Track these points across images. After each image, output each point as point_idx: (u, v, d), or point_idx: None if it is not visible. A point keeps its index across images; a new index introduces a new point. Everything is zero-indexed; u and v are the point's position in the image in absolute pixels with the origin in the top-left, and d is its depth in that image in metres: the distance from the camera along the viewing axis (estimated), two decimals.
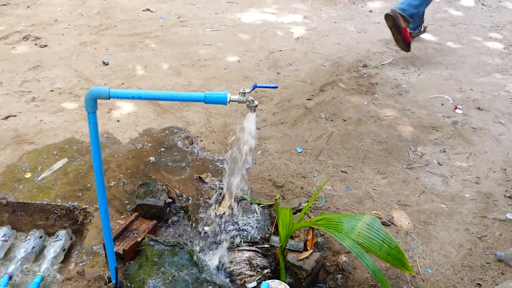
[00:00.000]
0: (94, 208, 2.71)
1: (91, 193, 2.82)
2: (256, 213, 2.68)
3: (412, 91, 4.31)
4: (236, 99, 1.70)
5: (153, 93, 1.62)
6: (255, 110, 1.78)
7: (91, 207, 2.72)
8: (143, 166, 3.08)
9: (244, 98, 1.71)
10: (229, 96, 1.67)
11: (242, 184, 2.93)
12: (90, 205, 2.73)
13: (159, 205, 2.56)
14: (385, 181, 3.10)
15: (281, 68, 4.69)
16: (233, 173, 2.82)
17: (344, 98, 4.08)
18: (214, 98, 1.65)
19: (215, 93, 1.66)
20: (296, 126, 3.68)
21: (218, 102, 1.66)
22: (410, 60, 4.98)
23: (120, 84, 4.18)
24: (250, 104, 1.74)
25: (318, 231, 2.59)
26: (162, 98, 1.63)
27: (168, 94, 1.63)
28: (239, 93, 1.70)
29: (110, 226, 2.01)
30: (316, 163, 3.23)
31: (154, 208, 2.57)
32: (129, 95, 1.62)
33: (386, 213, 2.81)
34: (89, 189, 2.85)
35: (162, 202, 2.58)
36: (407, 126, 3.73)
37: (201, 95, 1.65)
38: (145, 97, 1.62)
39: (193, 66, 4.65)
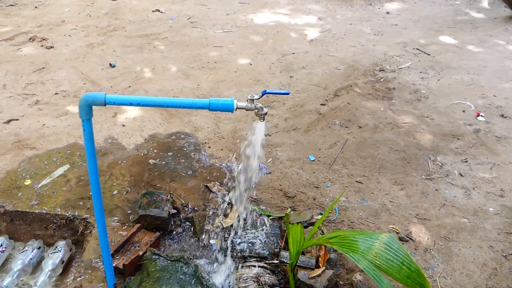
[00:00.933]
0: (95, 219, 2.61)
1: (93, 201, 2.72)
2: (265, 225, 2.57)
3: (431, 96, 4.16)
4: (243, 106, 1.58)
5: (152, 99, 1.52)
6: (264, 119, 1.66)
7: (92, 217, 2.63)
8: (148, 173, 2.98)
9: (252, 105, 1.59)
10: (235, 103, 1.56)
11: (251, 194, 2.82)
12: (91, 215, 2.63)
13: (163, 216, 2.46)
14: (402, 193, 2.96)
15: (294, 71, 4.58)
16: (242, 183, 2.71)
17: (359, 104, 3.95)
18: (220, 105, 1.54)
19: (221, 100, 1.55)
20: (309, 132, 3.56)
21: (223, 109, 1.55)
22: (429, 64, 4.83)
23: (126, 87, 4.09)
24: (259, 112, 1.62)
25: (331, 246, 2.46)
26: (163, 104, 1.52)
27: (169, 101, 1.52)
28: (247, 99, 1.59)
29: (108, 241, 1.91)
30: (330, 172, 3.11)
31: (157, 219, 2.46)
32: (127, 101, 1.51)
33: (404, 227, 2.67)
34: (91, 197, 2.75)
35: (166, 213, 2.47)
36: (426, 134, 3.59)
37: (205, 101, 1.54)
38: (144, 104, 1.52)
39: (203, 69, 4.55)
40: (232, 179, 2.97)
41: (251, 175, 2.30)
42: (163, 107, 1.51)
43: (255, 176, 2.85)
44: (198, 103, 1.53)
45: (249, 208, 2.67)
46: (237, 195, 2.73)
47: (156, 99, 1.53)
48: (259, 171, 3.06)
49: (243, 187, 2.74)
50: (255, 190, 2.88)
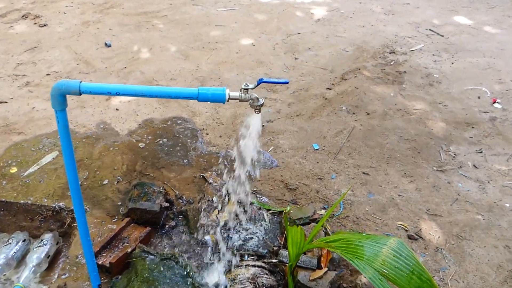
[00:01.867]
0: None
1: (82, 191, 2.56)
2: (264, 220, 2.43)
3: (444, 81, 3.97)
4: (236, 97, 1.42)
5: (133, 88, 1.36)
6: (260, 111, 1.50)
7: None
8: (141, 161, 2.84)
9: (246, 95, 1.43)
10: (227, 93, 1.40)
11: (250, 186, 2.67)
12: None
13: (154, 210, 2.32)
14: (412, 186, 2.80)
15: (299, 52, 4.38)
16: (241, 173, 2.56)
17: (368, 88, 3.77)
18: (210, 95, 1.37)
19: (211, 89, 1.38)
20: (313, 119, 3.39)
21: (214, 99, 1.39)
22: (443, 46, 4.62)
23: (122, 68, 3.93)
24: (254, 103, 1.46)
25: None
26: (145, 94, 1.36)
27: (151, 90, 1.36)
28: (241, 89, 1.42)
29: (90, 241, 1.77)
30: (335, 162, 2.95)
31: (148, 213, 2.32)
32: (105, 90, 1.35)
33: (413, 224, 2.52)
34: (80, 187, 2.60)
35: (157, 206, 2.33)
36: (438, 122, 3.41)
37: (193, 91, 1.38)
38: (124, 93, 1.36)
39: (203, 49, 4.37)
40: (231, 169, 2.82)
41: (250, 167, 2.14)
42: (145, 97, 1.35)
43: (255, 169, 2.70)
44: (185, 92, 1.37)
45: (247, 201, 2.52)
46: (235, 187, 2.58)
47: (137, 88, 1.37)
48: (264, 163, 2.91)
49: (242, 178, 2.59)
50: (254, 182, 2.73)
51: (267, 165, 2.89)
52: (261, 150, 3.00)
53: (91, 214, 2.45)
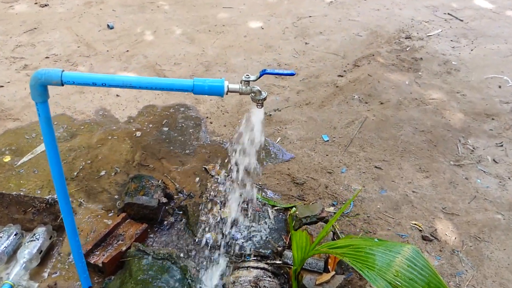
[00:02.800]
0: (77, 203, 2.37)
1: (78, 183, 2.48)
2: (268, 218, 2.30)
3: (463, 69, 3.79)
4: (236, 89, 1.28)
5: (121, 78, 1.22)
6: (263, 105, 1.35)
7: (75, 201, 2.38)
8: (140, 151, 2.72)
9: (247, 88, 1.29)
10: (226, 85, 1.26)
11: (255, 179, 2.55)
12: (75, 199, 2.39)
13: (152, 205, 2.20)
14: (427, 182, 2.65)
15: (310, 37, 4.21)
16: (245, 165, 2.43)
17: (382, 76, 3.60)
18: (206, 87, 1.23)
19: (208, 81, 1.24)
20: (323, 108, 3.23)
21: (211, 92, 1.25)
22: (462, 32, 4.42)
23: (124, 52, 3.79)
24: (256, 96, 1.32)
25: None
26: (134, 85, 1.23)
27: (141, 81, 1.23)
28: (241, 81, 1.28)
29: (79, 241, 1.65)
30: (345, 155, 2.80)
31: (145, 208, 2.21)
32: (89, 80, 1.22)
33: (428, 223, 2.38)
34: (75, 178, 2.50)
35: (155, 201, 2.21)
36: (456, 113, 3.24)
37: (188, 82, 1.24)
38: (111, 84, 1.23)
39: (209, 32, 4.21)
40: (235, 161, 2.69)
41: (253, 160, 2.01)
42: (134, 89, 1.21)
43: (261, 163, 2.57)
44: (178, 84, 1.23)
45: (251, 196, 2.39)
46: (239, 180, 2.46)
47: (125, 78, 1.23)
48: (275, 155, 2.77)
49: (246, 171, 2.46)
50: (259, 175, 2.60)
51: (278, 159, 2.75)
52: (269, 141, 2.87)
53: (86, 207, 2.34)
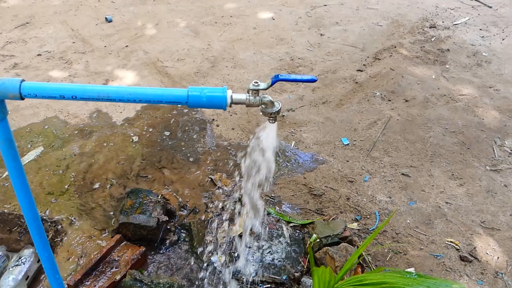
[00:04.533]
0: (68, 222, 2.14)
1: (69, 197, 2.25)
2: (283, 236, 2.05)
3: (495, 60, 3.50)
4: (242, 100, 1.03)
5: (94, 89, 0.98)
6: (276, 119, 1.10)
7: (66, 219, 2.15)
8: (139, 160, 2.48)
9: (256, 98, 1.04)
10: (229, 95, 1.00)
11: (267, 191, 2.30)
12: (65, 216, 2.16)
13: (150, 225, 1.96)
14: (462, 190, 2.39)
15: (325, 28, 3.94)
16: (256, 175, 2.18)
17: (405, 70, 3.32)
18: (204, 99, 0.99)
19: (206, 90, 0.99)
20: (342, 107, 2.97)
21: (209, 105, 1.00)
22: (491, 19, 4.12)
23: (123, 47, 3.55)
24: (267, 108, 1.06)
25: (370, 268, 1.94)
26: (112, 97, 0.98)
27: (121, 92, 0.98)
28: (249, 89, 1.03)
29: (60, 279, 1.41)
30: (368, 161, 2.55)
31: (143, 229, 1.97)
32: (55, 92, 0.98)
33: (465, 240, 2.12)
34: (65, 192, 2.27)
35: (154, 221, 1.98)
36: (490, 110, 2.97)
37: (181, 93, 0.99)
38: (83, 96, 0.98)
39: (215, 25, 3.95)
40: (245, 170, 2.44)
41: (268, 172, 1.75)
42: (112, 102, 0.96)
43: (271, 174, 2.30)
44: (167, 95, 0.99)
45: (263, 211, 2.14)
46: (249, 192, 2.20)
47: (102, 89, 0.99)
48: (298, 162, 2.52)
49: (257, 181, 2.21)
50: (272, 185, 2.35)
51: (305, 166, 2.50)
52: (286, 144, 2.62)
53: (77, 227, 2.11)
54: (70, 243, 2.04)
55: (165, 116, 2.82)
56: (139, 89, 1.02)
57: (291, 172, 2.46)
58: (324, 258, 1.87)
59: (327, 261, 1.85)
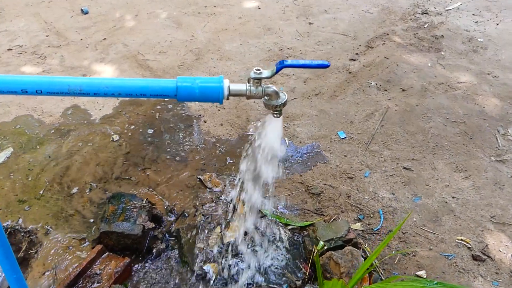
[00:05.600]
0: (43, 231, 1.95)
1: (44, 204, 2.05)
2: (281, 240, 1.88)
3: (491, 46, 3.37)
4: (242, 91, 0.86)
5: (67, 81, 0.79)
6: (281, 113, 0.93)
7: (41, 228, 1.96)
8: (121, 160, 2.29)
9: (258, 89, 0.86)
10: (227, 86, 0.82)
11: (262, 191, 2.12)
12: (40, 225, 1.96)
13: (134, 233, 1.78)
14: (468, 184, 2.24)
15: (313, 16, 3.77)
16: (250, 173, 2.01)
17: (400, 58, 3.17)
18: (196, 91, 0.81)
19: (199, 80, 0.81)
20: (336, 99, 2.81)
21: (203, 97, 0.83)
22: (484, 4, 3.99)
23: (101, 40, 3.34)
24: (271, 100, 0.89)
25: (379, 275, 1.78)
26: (86, 91, 0.80)
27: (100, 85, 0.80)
28: (249, 78, 0.85)
29: None
30: (367, 155, 2.39)
31: (127, 237, 1.78)
32: (17, 86, 0.79)
33: (476, 238, 1.97)
34: (40, 199, 2.07)
35: (139, 228, 1.79)
36: (490, 98, 2.83)
37: (169, 84, 0.81)
38: (50, 90, 0.80)
39: (199, 15, 3.76)
40: (236, 167, 2.27)
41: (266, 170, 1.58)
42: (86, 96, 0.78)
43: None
44: (152, 87, 0.81)
45: (258, 213, 1.97)
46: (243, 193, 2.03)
47: (73, 81, 0.80)
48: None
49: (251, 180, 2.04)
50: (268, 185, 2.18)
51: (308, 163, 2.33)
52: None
53: (54, 237, 1.91)
54: (46, 255, 1.85)
55: (147, 112, 2.63)
56: (118, 80, 0.83)
57: (286, 169, 2.29)
58: (328, 263, 1.71)
59: (331, 266, 1.69)
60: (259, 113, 2.65)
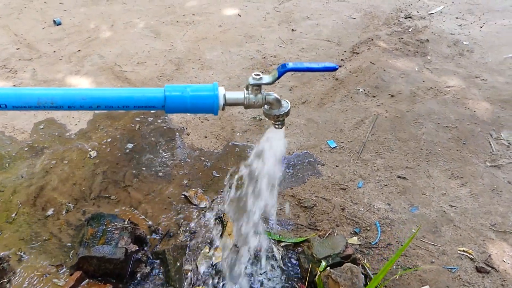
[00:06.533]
0: (16, 258, 1.81)
1: (16, 228, 1.91)
2: (274, 259, 1.78)
3: (477, 49, 3.33)
4: (239, 100, 0.76)
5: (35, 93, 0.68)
6: (284, 123, 0.82)
7: (13, 255, 1.82)
8: (100, 178, 2.17)
9: (258, 96, 0.76)
10: (222, 94, 0.72)
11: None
12: (12, 252, 1.82)
13: (116, 257, 1.65)
14: (465, 191, 2.17)
15: (296, 22, 3.69)
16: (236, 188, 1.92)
17: (386, 63, 3.11)
18: (187, 100, 0.70)
19: (190, 89, 0.71)
20: (324, 106, 2.73)
21: (196, 108, 0.72)
22: (466, 7, 3.98)
23: (75, 52, 3.21)
24: (273, 109, 0.79)
25: None
26: (57, 104, 0.69)
27: (70, 96, 0.68)
28: (248, 85, 0.75)
29: None
30: (359, 164, 2.30)
31: (108, 262, 1.66)
32: None
33: (478, 248, 1.89)
34: (12, 222, 1.94)
35: (121, 252, 1.66)
36: (480, 101, 2.78)
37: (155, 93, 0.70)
38: (15, 105, 0.68)
39: (177, 24, 3.66)
40: (223, 183, 2.16)
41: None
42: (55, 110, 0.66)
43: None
44: (136, 98, 0.70)
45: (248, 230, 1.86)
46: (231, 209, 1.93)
47: (41, 92, 0.69)
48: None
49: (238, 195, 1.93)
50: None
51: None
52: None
53: (28, 264, 1.78)
54: (20, 285, 1.71)
55: (127, 126, 2.51)
56: (97, 91, 0.73)
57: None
58: (326, 282, 1.61)
59: (330, 285, 1.59)
60: (245, 124, 2.55)
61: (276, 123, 0.83)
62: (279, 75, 0.76)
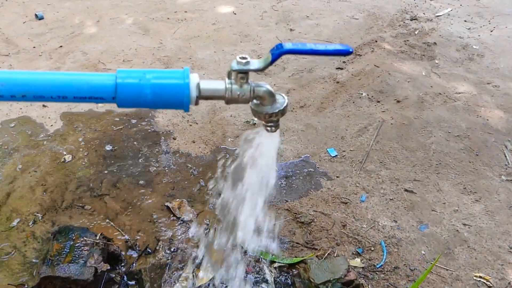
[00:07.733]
0: None
1: None
2: (266, 282, 1.58)
3: (487, 54, 3.17)
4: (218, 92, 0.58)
5: None
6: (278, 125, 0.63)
7: None
8: (74, 185, 1.97)
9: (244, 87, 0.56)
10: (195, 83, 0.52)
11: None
12: None
13: (84, 278, 1.45)
14: (479, 208, 1.99)
15: (294, 22, 3.52)
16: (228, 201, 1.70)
17: (392, 66, 2.93)
18: (147, 90, 0.50)
19: (151, 75, 0.51)
20: (324, 111, 2.55)
21: (158, 102, 0.52)
22: (475, 10, 3.83)
23: (57, 48, 3.03)
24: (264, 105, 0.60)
25: None
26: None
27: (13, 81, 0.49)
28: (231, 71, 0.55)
29: None
30: (362, 175, 2.12)
31: (75, 283, 1.46)
32: None
33: (496, 273, 1.71)
34: None
35: (90, 271, 1.47)
36: (493, 109, 2.61)
37: (104, 81, 0.50)
38: None
39: (168, 21, 3.48)
40: (211, 193, 1.97)
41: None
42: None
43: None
44: (76, 86, 0.50)
45: (238, 248, 1.67)
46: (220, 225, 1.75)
47: None
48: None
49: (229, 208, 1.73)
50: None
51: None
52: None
53: None
54: None
55: (108, 127, 2.32)
56: (22, 74, 0.53)
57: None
58: None
59: None
60: (237, 128, 2.37)
61: (267, 124, 0.64)
62: (273, 59, 0.58)
